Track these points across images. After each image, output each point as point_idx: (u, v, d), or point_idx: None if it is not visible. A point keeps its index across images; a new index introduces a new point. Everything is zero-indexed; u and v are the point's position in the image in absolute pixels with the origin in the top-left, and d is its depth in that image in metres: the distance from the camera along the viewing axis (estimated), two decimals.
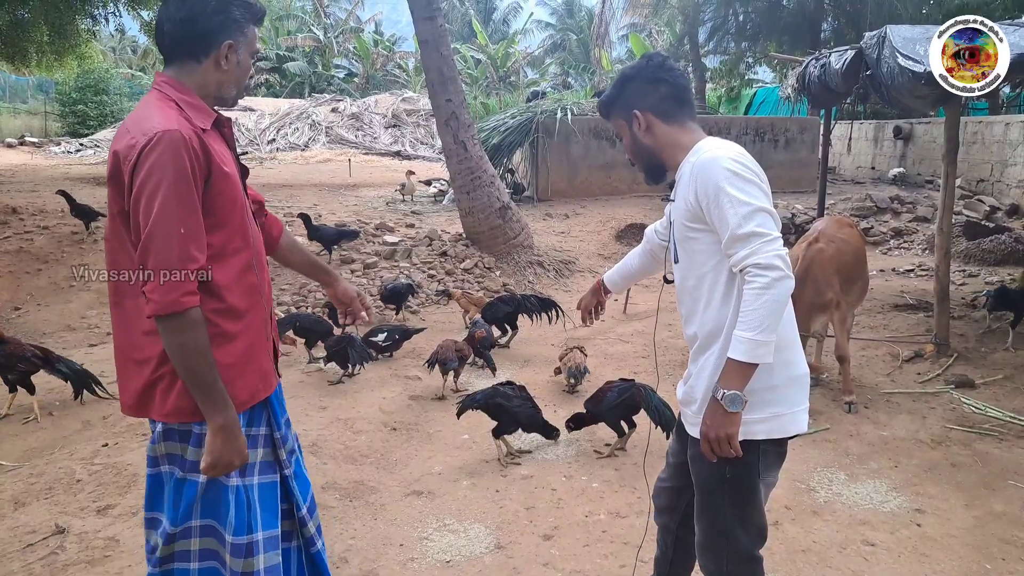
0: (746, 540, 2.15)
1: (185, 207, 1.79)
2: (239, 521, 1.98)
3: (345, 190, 14.80)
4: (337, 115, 27.25)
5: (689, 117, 2.21)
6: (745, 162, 2.00)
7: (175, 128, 1.79)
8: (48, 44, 13.08)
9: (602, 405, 4.20)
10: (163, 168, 1.76)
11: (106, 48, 31.80)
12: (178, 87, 1.93)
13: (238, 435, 1.90)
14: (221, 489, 1.98)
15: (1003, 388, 5.25)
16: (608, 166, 13.71)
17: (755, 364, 1.93)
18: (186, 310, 1.79)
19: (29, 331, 6.52)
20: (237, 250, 1.96)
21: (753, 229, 1.91)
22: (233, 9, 1.94)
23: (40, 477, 3.86)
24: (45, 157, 21.44)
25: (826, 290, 4.90)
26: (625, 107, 2.22)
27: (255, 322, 2.02)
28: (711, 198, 1.97)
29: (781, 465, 2.22)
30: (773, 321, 1.90)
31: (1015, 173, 12.60)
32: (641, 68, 2.22)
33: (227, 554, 1.99)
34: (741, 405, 1.93)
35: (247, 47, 2.00)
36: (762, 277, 1.89)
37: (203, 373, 1.83)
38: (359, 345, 5.40)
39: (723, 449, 1.96)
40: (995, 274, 9.01)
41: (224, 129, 2.02)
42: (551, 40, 42.10)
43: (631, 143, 2.26)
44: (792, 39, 17.51)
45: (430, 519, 3.54)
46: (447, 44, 8.90)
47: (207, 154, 1.85)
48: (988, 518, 3.58)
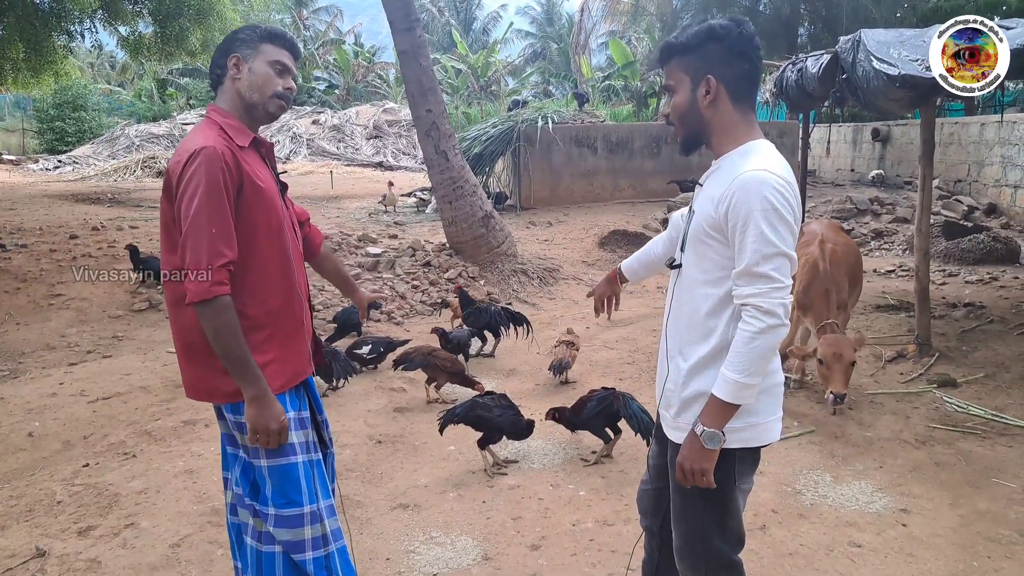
0: (724, 546, 2.14)
1: (217, 211, 2.09)
2: (310, 491, 2.29)
3: (327, 202, 14.76)
4: (318, 127, 27.22)
5: (752, 108, 2.06)
6: (788, 195, 1.90)
7: (211, 145, 2.12)
8: (24, 61, 12.93)
9: (583, 415, 4.20)
10: (199, 178, 2.08)
11: (84, 64, 31.54)
12: (221, 112, 2.28)
13: (272, 403, 2.17)
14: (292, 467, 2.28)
15: (985, 386, 5.30)
16: (590, 173, 13.77)
17: (738, 405, 1.92)
18: (216, 297, 2.08)
19: (8, 350, 6.43)
20: (271, 253, 2.25)
21: (768, 271, 1.87)
22: (239, 35, 2.31)
23: (20, 499, 3.80)
24: (23, 174, 21.24)
25: (843, 290, 5.01)
26: (698, 65, 2.00)
27: (291, 316, 2.32)
28: (741, 222, 1.89)
29: (755, 471, 2.21)
30: (760, 366, 1.89)
31: (992, 173, 12.76)
32: (732, 32, 1.98)
33: (308, 524, 2.29)
34: (719, 443, 1.94)
35: (261, 58, 2.27)
36: (759, 322, 1.87)
37: (235, 350, 2.12)
38: (343, 358, 5.37)
39: (697, 481, 1.98)
40: (974, 273, 9.11)
41: (262, 149, 2.34)
42: (531, 49, 42.27)
43: (686, 104, 2.03)
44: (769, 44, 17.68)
45: (417, 532, 3.52)
46: (426, 55, 8.90)
47: (239, 168, 2.16)
48: (973, 516, 3.60)
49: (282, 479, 2.27)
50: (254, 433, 2.17)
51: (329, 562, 2.33)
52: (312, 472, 2.33)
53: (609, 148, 13.87)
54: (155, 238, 9.49)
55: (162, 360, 6.11)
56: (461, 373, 5.17)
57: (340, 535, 2.40)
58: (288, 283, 2.31)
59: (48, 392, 5.39)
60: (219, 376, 2.22)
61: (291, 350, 2.33)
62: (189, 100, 32.70)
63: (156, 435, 4.62)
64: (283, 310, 2.30)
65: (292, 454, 2.27)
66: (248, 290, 2.20)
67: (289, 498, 2.27)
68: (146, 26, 13.58)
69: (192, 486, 3.93)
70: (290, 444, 2.26)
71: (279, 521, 2.27)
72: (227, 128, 2.23)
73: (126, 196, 16.01)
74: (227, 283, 2.10)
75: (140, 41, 13.56)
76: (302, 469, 2.29)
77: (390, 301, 7.82)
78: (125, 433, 4.67)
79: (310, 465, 2.33)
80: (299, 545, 2.29)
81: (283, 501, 2.27)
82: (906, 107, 6.08)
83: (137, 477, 4.03)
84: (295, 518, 2.27)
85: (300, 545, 2.29)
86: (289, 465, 2.27)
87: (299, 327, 2.36)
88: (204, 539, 3.40)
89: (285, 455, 2.26)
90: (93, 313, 7.31)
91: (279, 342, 2.28)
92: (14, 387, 5.58)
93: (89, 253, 8.65)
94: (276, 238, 2.27)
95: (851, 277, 5.21)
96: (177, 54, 13.57)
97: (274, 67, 2.28)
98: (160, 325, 7.10)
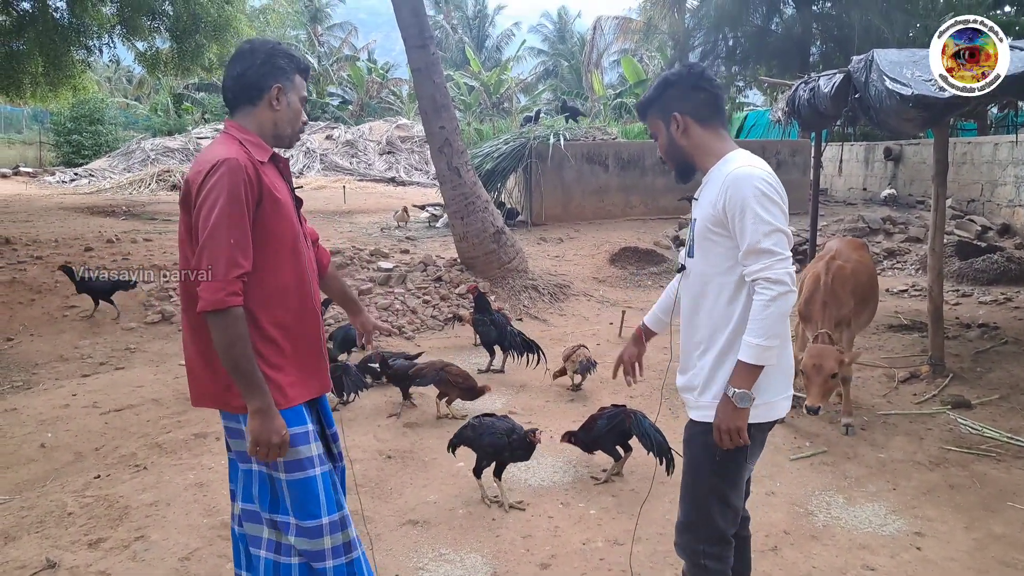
0: (721, 521, 2.36)
1: (235, 222, 2.10)
2: (329, 500, 2.32)
3: (340, 217, 14.84)
4: (332, 142, 27.41)
5: (721, 124, 2.39)
6: (773, 183, 2.21)
7: (233, 157, 2.14)
8: (43, 75, 13.14)
9: (593, 433, 4.17)
10: (220, 189, 2.10)
11: (101, 78, 31.98)
12: (240, 129, 2.28)
13: (275, 417, 2.17)
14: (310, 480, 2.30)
15: (999, 408, 5.24)
16: (601, 190, 13.79)
17: (762, 366, 2.17)
18: (229, 308, 2.09)
19: (22, 361, 6.48)
20: (287, 266, 2.27)
21: (769, 247, 2.14)
22: (278, 59, 2.29)
23: (31, 510, 3.81)
24: (40, 187, 21.48)
25: (845, 306, 4.99)
26: (664, 109, 2.38)
27: (305, 328, 2.33)
28: (738, 211, 2.17)
29: (760, 452, 2.44)
30: (778, 329, 2.16)
31: (1005, 193, 12.70)
32: (683, 75, 2.39)
33: (328, 534, 2.31)
34: (749, 402, 2.19)
35: (295, 92, 2.33)
36: (770, 291, 2.13)
37: (243, 362, 2.12)
38: (354, 373, 5.37)
39: (733, 439, 2.22)
40: (988, 293, 9.04)
41: (280, 164, 2.35)
42: (543, 66, 42.55)
43: (667, 143, 2.41)
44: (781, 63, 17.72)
45: (426, 549, 3.50)
46: (440, 72, 8.97)
47: (260, 181, 2.18)
48: (988, 540, 3.56)
49: (301, 492, 2.29)
50: (255, 445, 2.18)
51: (351, 569, 2.35)
52: (333, 481, 2.36)
53: (620, 165, 13.89)
54: (168, 251, 9.57)
55: (174, 373, 6.13)
56: (473, 388, 5.17)
57: (359, 544, 2.41)
58: (303, 296, 2.33)
59: (61, 403, 5.42)
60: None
61: (307, 363, 2.35)
62: (204, 115, 33.04)
63: (167, 448, 4.64)
64: (298, 324, 2.31)
65: (311, 467, 2.30)
66: (264, 302, 2.22)
67: (308, 510, 2.30)
68: (163, 42, 13.78)
69: (202, 499, 3.93)
70: (308, 457, 2.28)
71: (300, 531, 2.30)
72: (246, 143, 2.25)
73: (141, 209, 16.16)
74: (241, 294, 2.12)
75: (157, 56, 13.75)
76: (320, 481, 2.31)
77: (401, 315, 7.84)
78: (136, 445, 4.69)
79: (329, 475, 2.35)
80: (320, 554, 2.32)
81: (303, 513, 2.29)
82: (919, 127, 6.07)
83: (148, 489, 4.04)
84: (315, 529, 2.30)
85: (321, 554, 2.32)
86: (308, 478, 2.30)
87: (315, 340, 2.38)
88: (213, 553, 3.40)
89: (303, 468, 2.29)
90: (106, 325, 7.36)
91: (294, 355, 2.30)
92: (27, 398, 5.61)
93: (103, 265, 8.72)
94: (292, 252, 2.29)
95: (859, 296, 5.15)
96: (193, 69, 13.76)
97: (302, 101, 2.37)
98: (172, 338, 7.14)
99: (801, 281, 5.33)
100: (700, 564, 2.39)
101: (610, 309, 8.89)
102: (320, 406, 2.47)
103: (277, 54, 2.30)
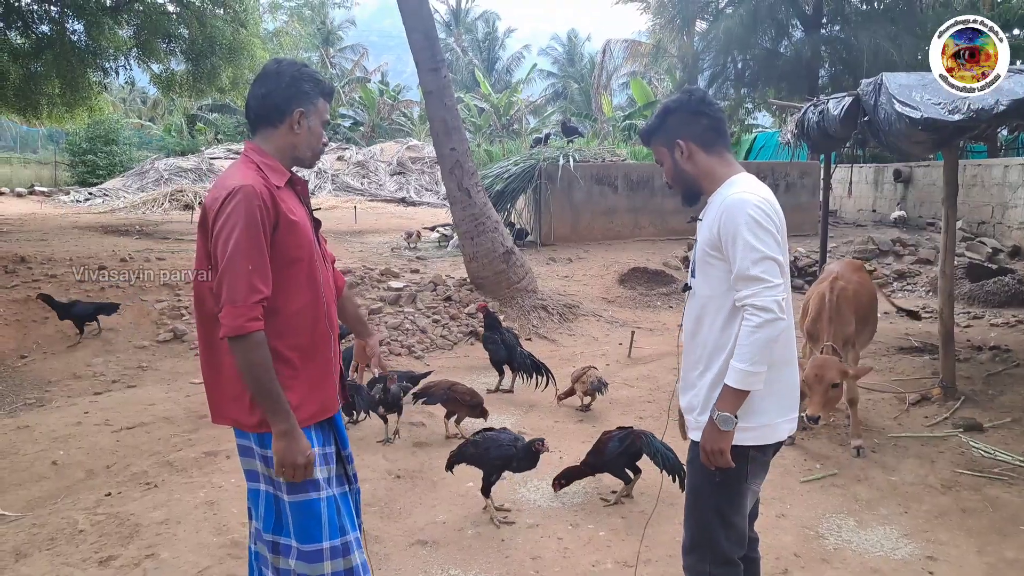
0: (726, 544, 2.37)
1: (253, 247, 2.14)
2: (332, 526, 2.30)
3: (351, 236, 14.92)
4: (343, 163, 27.62)
5: (725, 148, 2.43)
6: (767, 210, 2.23)
7: (249, 184, 2.16)
8: (59, 96, 13.33)
9: (605, 456, 4.16)
10: (237, 216, 2.13)
11: (116, 99, 32.36)
12: (260, 152, 2.31)
13: (300, 438, 2.20)
14: (314, 502, 2.29)
15: (1012, 431, 5.21)
16: (610, 211, 13.84)
17: (747, 391, 2.20)
18: (250, 333, 2.12)
19: (35, 379, 6.53)
20: (303, 289, 2.29)
21: (758, 274, 2.17)
22: (303, 83, 2.31)
23: (42, 528, 3.83)
24: (54, 206, 21.70)
25: (848, 325, 5.04)
26: (668, 135, 2.42)
27: (319, 351, 2.34)
28: (730, 237, 2.21)
29: (764, 475, 2.47)
30: (763, 355, 2.17)
31: (1016, 215, 12.66)
32: (684, 101, 2.41)
33: (328, 559, 2.29)
34: (732, 425, 2.21)
35: (317, 116, 2.35)
36: (757, 317, 2.16)
37: (267, 384, 2.15)
38: (364, 392, 5.39)
39: (717, 461, 2.25)
40: (999, 316, 9.00)
41: (297, 187, 2.38)
42: (553, 88, 42.83)
43: (672, 168, 2.45)
44: (790, 85, 17.76)
45: (435, 569, 3.50)
46: (451, 95, 9.07)
47: (276, 206, 2.21)
48: (1001, 565, 3.52)
49: (303, 515, 2.28)
50: (280, 467, 2.19)
51: None
52: (337, 506, 2.34)
53: (630, 186, 13.95)
54: (180, 270, 9.64)
55: (185, 391, 6.17)
56: (480, 406, 5.18)
57: (363, 571, 2.38)
58: (318, 319, 2.34)
59: (73, 421, 5.46)
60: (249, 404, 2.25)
61: (318, 385, 2.35)
62: (217, 135, 33.39)
63: (178, 466, 4.66)
64: (312, 345, 2.32)
65: (314, 490, 2.29)
66: (279, 326, 2.23)
67: (309, 534, 2.28)
68: (178, 64, 13.97)
69: (213, 518, 3.94)
70: (312, 480, 2.27)
71: (300, 555, 2.29)
72: (263, 167, 2.27)
73: (154, 228, 16.30)
74: (262, 319, 2.15)
75: (172, 78, 13.93)
76: (324, 505, 2.30)
77: (411, 335, 7.86)
78: (148, 463, 4.71)
79: (334, 500, 2.33)
80: None
81: (304, 536, 2.28)
82: (929, 150, 6.10)
83: (158, 508, 4.06)
84: (315, 553, 2.28)
85: None
86: (310, 501, 2.29)
87: (327, 363, 2.39)
88: (224, 572, 3.41)
89: (306, 491, 2.28)
90: (119, 343, 7.41)
91: (306, 377, 2.30)
92: (40, 415, 5.65)
93: (116, 284, 8.79)
94: (308, 275, 2.30)
95: (860, 315, 5.24)
96: (208, 91, 13.94)
97: (323, 125, 2.39)
98: (184, 356, 7.18)
99: (806, 302, 5.39)
100: None
101: (619, 329, 8.89)
102: (336, 427, 2.47)
103: (303, 78, 2.32)
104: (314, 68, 2.52)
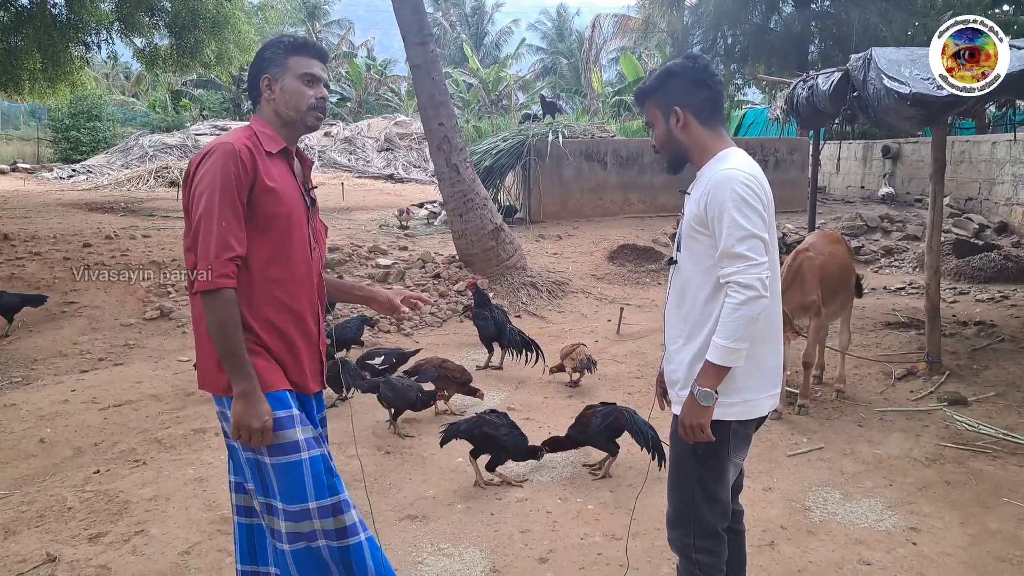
0: (710, 516, 2.38)
1: (227, 205, 2.14)
2: (320, 485, 2.29)
3: (338, 214, 14.83)
4: (330, 139, 27.38)
5: (720, 123, 2.39)
6: (754, 187, 2.20)
7: (229, 142, 2.19)
8: (41, 71, 13.09)
9: (588, 431, 4.19)
10: (213, 172, 2.15)
11: (99, 74, 31.91)
12: (258, 122, 2.37)
13: (259, 402, 2.18)
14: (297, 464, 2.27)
15: (995, 405, 5.27)
16: (600, 188, 13.81)
17: (728, 367, 2.19)
18: (220, 289, 2.13)
19: (20, 357, 6.49)
20: (272, 259, 2.26)
21: (743, 252, 2.15)
22: (266, 52, 2.37)
23: (31, 505, 3.82)
24: (38, 183, 21.45)
25: (809, 294, 5.16)
26: (665, 100, 2.35)
27: (284, 327, 2.30)
28: (716, 213, 2.19)
29: (747, 448, 2.48)
30: (745, 332, 2.17)
31: (1003, 191, 12.73)
32: (687, 67, 2.34)
33: (316, 519, 2.28)
34: (712, 400, 2.21)
35: (291, 75, 2.33)
36: (740, 295, 2.15)
37: (232, 344, 2.15)
38: (352, 368, 5.38)
39: (696, 435, 2.25)
40: (985, 291, 9.07)
41: (290, 160, 2.39)
42: (542, 64, 42.49)
43: (664, 135, 2.39)
44: (780, 61, 17.73)
45: (424, 543, 3.52)
46: (439, 69, 8.98)
47: (255, 167, 2.21)
48: (983, 536, 3.58)
49: (287, 476, 2.27)
50: (236, 429, 2.18)
51: (344, 555, 2.32)
52: (325, 466, 2.33)
53: (619, 163, 13.91)
54: (167, 247, 9.57)
55: (173, 368, 6.14)
56: (469, 383, 5.19)
57: (360, 528, 2.36)
58: (288, 296, 2.30)
59: (60, 399, 5.43)
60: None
61: (290, 357, 2.32)
62: (202, 111, 33.01)
63: (166, 443, 4.65)
64: (277, 321, 2.28)
65: (295, 451, 2.27)
66: (251, 294, 2.23)
67: (294, 494, 2.27)
68: (162, 38, 13.73)
69: (202, 494, 3.94)
70: (293, 442, 2.26)
71: (287, 515, 2.28)
72: (259, 135, 2.30)
73: (139, 205, 16.15)
74: (233, 276, 2.15)
75: (156, 53, 13.71)
76: (307, 465, 2.28)
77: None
78: (135, 440, 4.70)
79: (320, 460, 2.31)
80: (311, 535, 2.30)
81: (289, 497, 2.27)
82: (917, 125, 6.09)
83: (147, 484, 4.05)
84: (301, 513, 2.28)
85: (312, 535, 2.30)
86: (293, 462, 2.27)
87: (294, 343, 2.32)
88: (213, 547, 3.42)
89: (287, 453, 2.26)
90: (105, 321, 7.36)
91: (266, 350, 2.26)
92: (26, 393, 5.62)
93: (102, 262, 8.72)
94: (282, 245, 2.27)
95: (827, 287, 5.35)
96: (192, 66, 13.72)
97: (304, 80, 2.33)
98: (170, 334, 7.15)
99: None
100: (692, 558, 2.40)
101: (608, 306, 8.91)
102: (306, 409, 2.40)
103: (266, 48, 2.38)
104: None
